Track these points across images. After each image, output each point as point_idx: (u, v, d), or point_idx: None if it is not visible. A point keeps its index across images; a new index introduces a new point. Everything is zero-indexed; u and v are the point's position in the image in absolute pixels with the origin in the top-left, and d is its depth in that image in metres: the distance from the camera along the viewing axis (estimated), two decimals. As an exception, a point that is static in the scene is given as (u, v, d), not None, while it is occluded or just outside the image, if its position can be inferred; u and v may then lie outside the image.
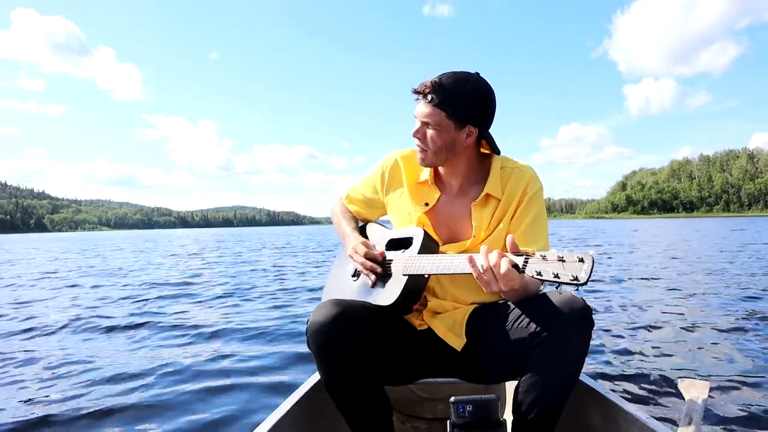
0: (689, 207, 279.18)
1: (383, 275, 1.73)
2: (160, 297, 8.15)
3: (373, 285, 1.74)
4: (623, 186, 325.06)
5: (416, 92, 1.68)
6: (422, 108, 1.67)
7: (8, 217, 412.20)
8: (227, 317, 6.24)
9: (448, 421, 1.66)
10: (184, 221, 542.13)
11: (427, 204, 1.80)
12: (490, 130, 1.76)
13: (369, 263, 1.72)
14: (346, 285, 1.86)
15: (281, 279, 10.58)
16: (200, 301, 7.62)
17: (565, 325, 1.44)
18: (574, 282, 1.21)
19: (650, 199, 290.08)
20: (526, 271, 1.32)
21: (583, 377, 1.89)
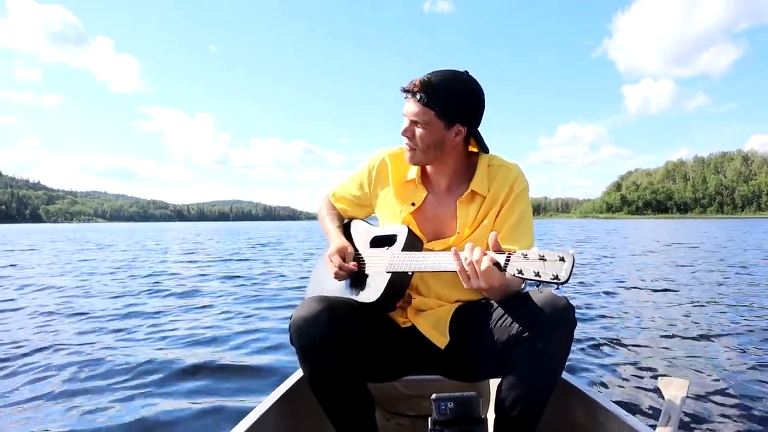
0: (683, 208, 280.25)
1: (367, 273, 1.74)
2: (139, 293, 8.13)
3: (357, 282, 1.75)
4: (618, 186, 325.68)
5: (405, 90, 1.67)
6: (411, 107, 1.66)
7: (3, 207, 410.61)
8: (206, 313, 6.24)
9: (429, 418, 1.66)
10: (180, 214, 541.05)
11: (413, 204, 1.80)
12: (479, 129, 1.75)
13: (342, 272, 1.74)
14: (330, 281, 1.84)
15: (260, 276, 10.58)
16: (177, 298, 7.61)
17: (548, 324, 1.44)
18: (555, 281, 1.21)
19: (645, 199, 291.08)
20: (507, 269, 1.32)
21: (565, 375, 1.89)
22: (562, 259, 1.23)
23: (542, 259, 1.25)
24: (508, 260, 1.33)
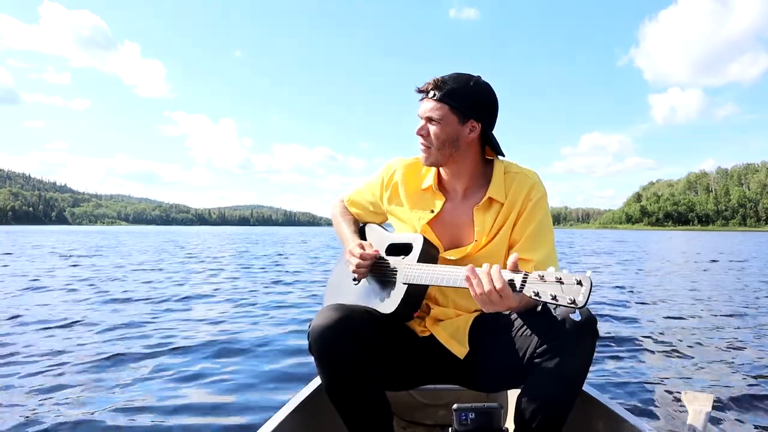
0: (705, 220, 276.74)
1: (383, 282, 1.73)
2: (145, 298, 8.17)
3: (374, 291, 1.74)
4: (639, 197, 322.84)
5: (420, 91, 1.70)
6: (425, 105, 1.68)
7: (31, 209, 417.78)
8: (223, 318, 6.24)
9: (450, 428, 1.65)
10: (201, 219, 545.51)
11: (432, 211, 1.79)
12: (494, 133, 1.75)
13: (362, 267, 1.73)
14: (347, 289, 1.85)
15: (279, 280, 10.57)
16: (196, 302, 7.61)
17: (570, 335, 1.43)
18: (572, 305, 1.19)
19: (666, 211, 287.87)
20: (523, 291, 1.30)
21: (586, 387, 1.87)
22: (579, 283, 1.20)
23: (559, 281, 1.23)
24: (525, 281, 1.30)
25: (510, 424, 1.65)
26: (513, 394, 2.17)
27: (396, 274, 1.69)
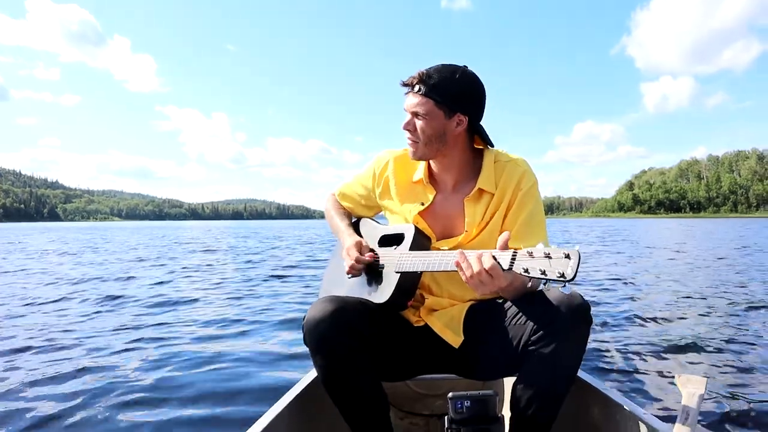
0: (696, 207, 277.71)
1: (377, 272, 1.74)
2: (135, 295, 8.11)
3: (368, 281, 1.76)
4: (631, 185, 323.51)
5: (405, 84, 1.68)
6: (411, 99, 1.67)
7: (22, 206, 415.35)
8: (221, 311, 6.27)
9: (446, 417, 1.65)
10: (194, 213, 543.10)
11: (423, 204, 1.79)
12: (482, 124, 1.74)
13: (358, 266, 1.74)
14: (341, 281, 1.86)
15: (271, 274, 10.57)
16: (190, 297, 7.61)
17: (564, 322, 1.44)
18: (561, 279, 1.21)
19: (657, 198, 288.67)
20: (513, 268, 1.31)
21: (581, 373, 1.89)
22: (567, 257, 1.22)
23: (548, 256, 1.24)
24: (514, 259, 1.32)
25: (506, 411, 1.66)
26: (509, 382, 2.17)
27: (389, 264, 1.70)
